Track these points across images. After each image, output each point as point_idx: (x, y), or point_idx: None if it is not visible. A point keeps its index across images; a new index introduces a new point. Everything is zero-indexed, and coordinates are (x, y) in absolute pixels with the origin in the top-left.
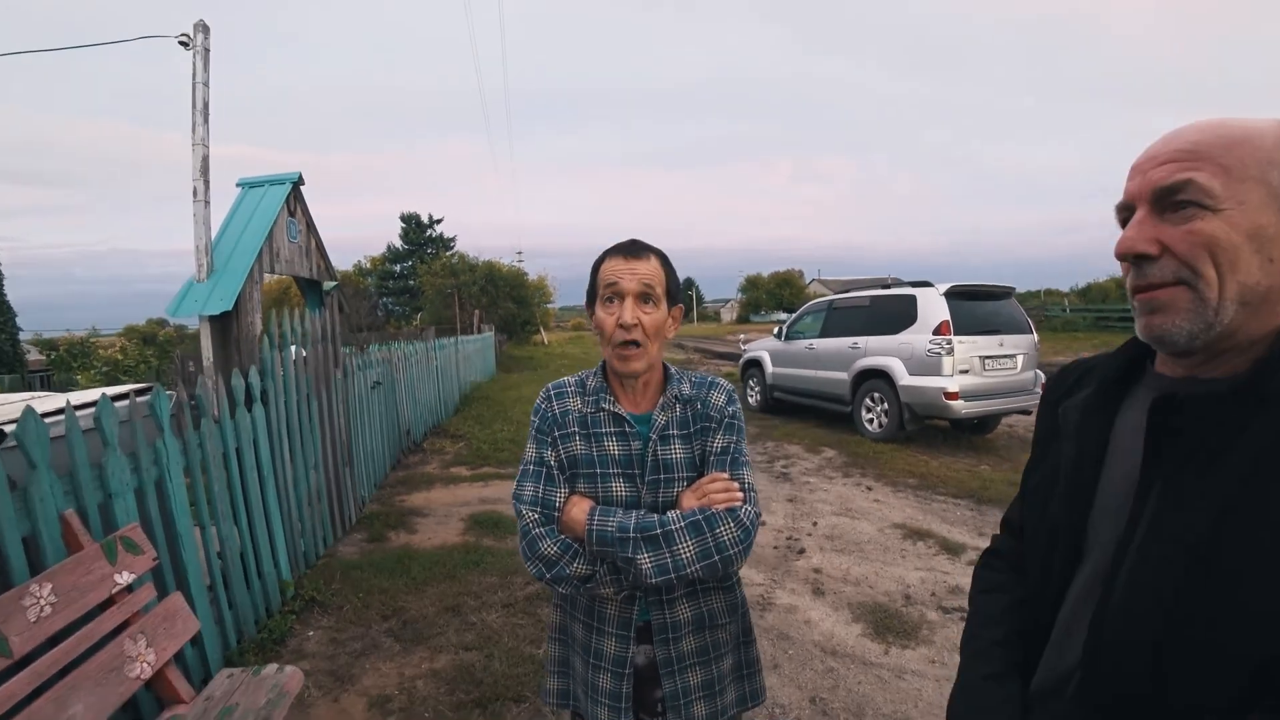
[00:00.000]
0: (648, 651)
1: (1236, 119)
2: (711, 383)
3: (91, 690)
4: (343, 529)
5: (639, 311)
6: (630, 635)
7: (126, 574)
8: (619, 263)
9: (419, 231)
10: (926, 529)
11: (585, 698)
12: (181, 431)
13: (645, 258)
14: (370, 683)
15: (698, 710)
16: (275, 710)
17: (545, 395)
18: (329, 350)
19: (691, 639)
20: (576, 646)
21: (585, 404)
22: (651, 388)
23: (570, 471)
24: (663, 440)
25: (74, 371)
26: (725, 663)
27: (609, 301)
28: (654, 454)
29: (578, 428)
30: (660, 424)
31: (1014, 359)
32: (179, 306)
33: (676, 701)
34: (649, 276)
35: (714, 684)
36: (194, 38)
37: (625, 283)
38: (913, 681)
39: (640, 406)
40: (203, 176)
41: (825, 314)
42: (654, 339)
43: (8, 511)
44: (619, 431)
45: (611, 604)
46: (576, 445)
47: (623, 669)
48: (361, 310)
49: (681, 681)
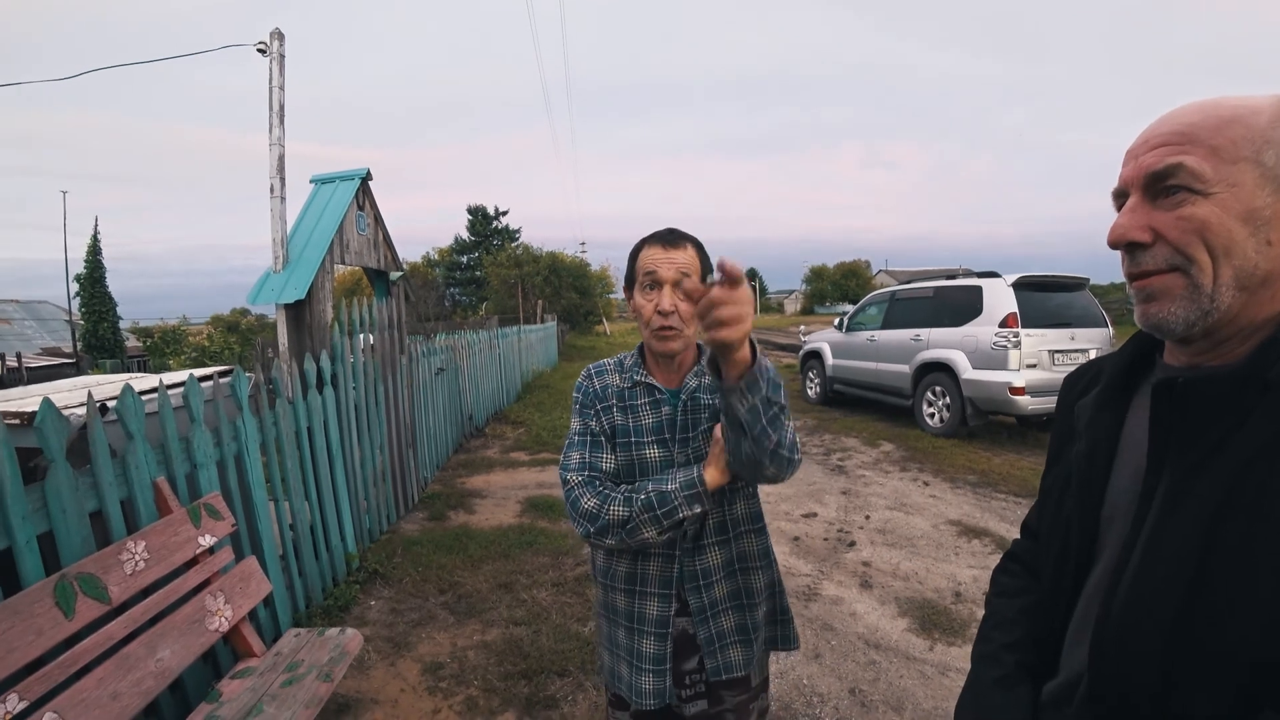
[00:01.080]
0: (680, 624)
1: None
2: None
3: (177, 639)
4: (405, 507)
5: (675, 298)
6: (671, 593)
7: (209, 537)
8: (657, 252)
9: (485, 223)
10: (983, 527)
11: (630, 671)
12: (258, 411)
13: (682, 247)
14: (425, 650)
15: (734, 655)
16: (336, 667)
17: (586, 374)
18: (395, 337)
19: (724, 584)
20: (619, 618)
21: (623, 380)
22: (686, 364)
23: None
24: (693, 401)
25: (166, 357)
26: (760, 610)
27: (648, 289)
28: (684, 412)
29: (616, 401)
30: (691, 387)
31: (1086, 354)
32: (257, 295)
33: (712, 646)
34: (685, 265)
35: (748, 630)
36: (270, 45)
37: (663, 271)
38: (956, 679)
39: (674, 382)
40: (279, 174)
41: (887, 305)
42: (689, 323)
43: (109, 476)
44: (651, 401)
45: (654, 562)
46: (616, 417)
47: (665, 629)
48: (429, 300)
49: (716, 626)
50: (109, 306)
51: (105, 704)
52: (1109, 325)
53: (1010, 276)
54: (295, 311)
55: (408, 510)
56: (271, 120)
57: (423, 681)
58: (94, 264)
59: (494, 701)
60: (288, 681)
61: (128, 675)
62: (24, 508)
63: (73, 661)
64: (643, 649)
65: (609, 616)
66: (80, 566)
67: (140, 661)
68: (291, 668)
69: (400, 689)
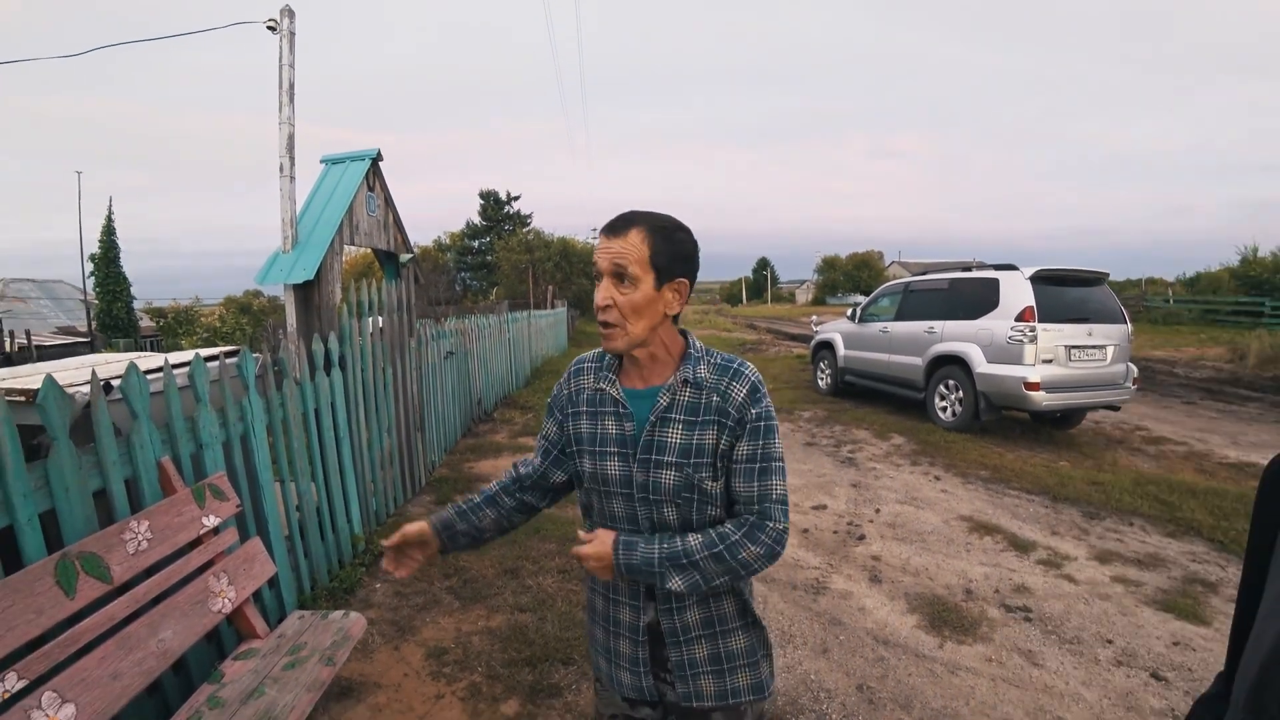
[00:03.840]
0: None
1: None
2: (735, 371)
3: (179, 619)
4: (413, 490)
5: (614, 291)
6: (639, 604)
7: (213, 517)
8: (600, 241)
9: (497, 208)
10: (995, 524)
11: (609, 664)
12: (265, 391)
13: (623, 234)
14: (429, 635)
15: (705, 685)
16: (339, 651)
17: (566, 374)
18: (404, 320)
19: (695, 609)
20: (597, 617)
21: (595, 381)
22: (660, 363)
23: (577, 447)
24: (661, 422)
25: (179, 337)
26: (736, 640)
27: (597, 280)
28: (650, 434)
29: (586, 406)
30: (662, 405)
31: (1103, 350)
32: (265, 275)
33: (684, 672)
34: (622, 254)
35: (722, 660)
36: (280, 22)
37: (600, 262)
38: (966, 678)
39: (648, 381)
40: (288, 153)
41: (901, 296)
42: (634, 318)
43: (113, 455)
44: (614, 412)
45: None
46: (584, 424)
47: (637, 635)
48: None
49: (689, 652)
50: (123, 286)
51: (106, 683)
52: (1128, 321)
53: (1028, 269)
54: (304, 292)
55: (415, 493)
56: (281, 99)
57: (426, 666)
58: (108, 244)
59: (498, 688)
60: (290, 664)
61: (129, 655)
62: (25, 485)
63: (73, 641)
64: (619, 648)
65: (590, 613)
66: (82, 545)
67: (142, 641)
68: (294, 650)
69: (404, 673)
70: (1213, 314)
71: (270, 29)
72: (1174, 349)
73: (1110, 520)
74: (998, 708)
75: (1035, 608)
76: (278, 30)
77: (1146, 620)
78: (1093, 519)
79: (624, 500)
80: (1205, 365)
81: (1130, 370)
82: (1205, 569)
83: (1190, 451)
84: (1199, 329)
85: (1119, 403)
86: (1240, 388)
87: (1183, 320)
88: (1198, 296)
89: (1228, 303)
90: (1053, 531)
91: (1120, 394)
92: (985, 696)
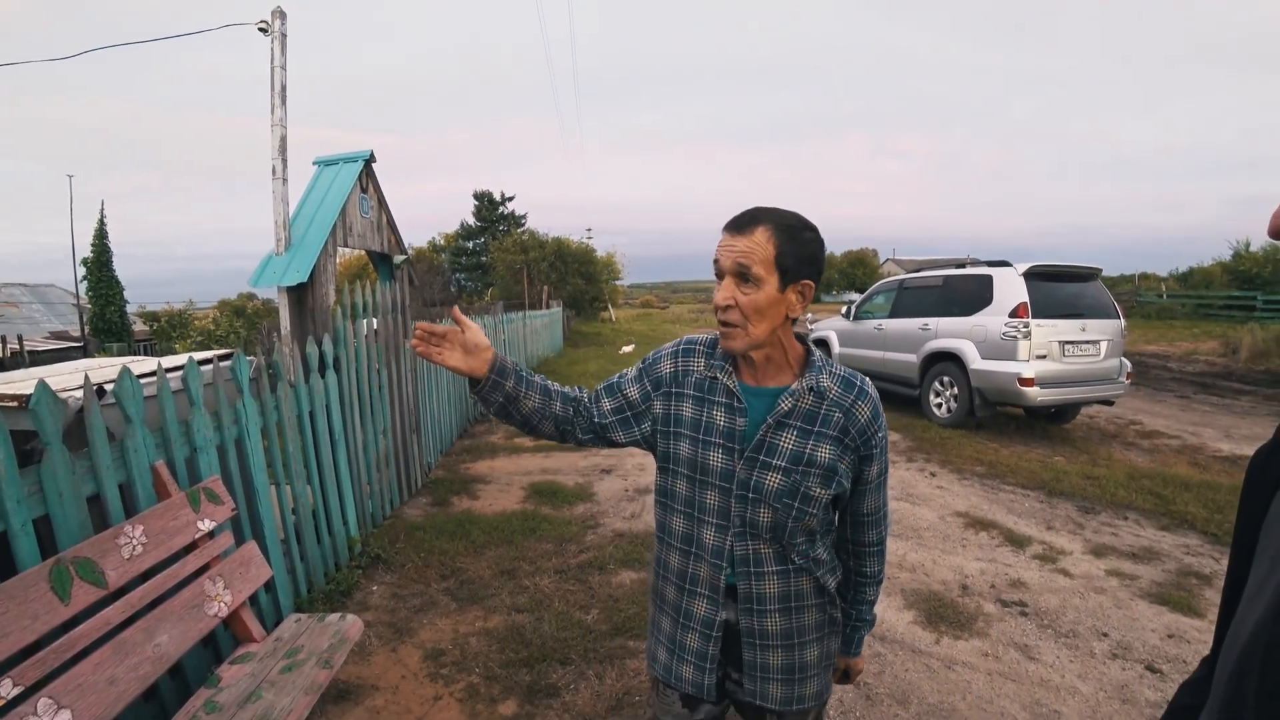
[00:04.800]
0: (735, 609)
1: None
2: (860, 390)
3: (175, 624)
4: (409, 492)
5: (736, 291)
6: (719, 598)
7: (208, 521)
8: (724, 238)
9: (491, 209)
10: (991, 519)
11: (671, 656)
12: (260, 394)
13: (749, 232)
14: (426, 636)
15: (774, 691)
16: (336, 654)
17: (674, 349)
18: (399, 321)
19: (778, 618)
20: (667, 608)
21: (707, 368)
22: (776, 365)
23: (675, 429)
24: (779, 425)
25: (173, 341)
26: (810, 652)
27: (717, 279)
28: (765, 434)
29: (693, 390)
30: (783, 409)
31: (1097, 345)
32: (259, 278)
33: (754, 673)
34: (747, 254)
35: (794, 670)
36: (271, 24)
37: (723, 261)
38: (962, 673)
39: (761, 381)
40: (281, 155)
41: (895, 294)
42: (755, 319)
43: (106, 460)
44: (727, 404)
45: (704, 565)
46: (688, 407)
47: (711, 630)
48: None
49: (762, 657)
50: (116, 290)
51: (102, 689)
52: (1121, 317)
53: (1021, 266)
54: (297, 294)
55: (411, 495)
56: (273, 100)
57: (424, 668)
58: (101, 248)
59: (495, 689)
60: (287, 668)
61: (125, 660)
62: (19, 491)
63: (68, 646)
64: (687, 642)
65: (656, 602)
66: (77, 551)
67: (138, 647)
68: (291, 654)
69: (401, 675)
70: (1205, 308)
71: (262, 31)
72: (1167, 343)
73: (1105, 514)
74: (994, 702)
75: (1031, 602)
76: (269, 32)
77: (1141, 613)
78: (1088, 513)
79: (720, 494)
80: (1198, 359)
81: (1124, 365)
82: (1199, 561)
83: (1184, 445)
84: (1192, 323)
85: (1113, 398)
86: (1233, 381)
87: (1176, 315)
88: (1190, 291)
89: (1220, 297)
90: (1048, 526)
91: (1114, 389)
92: (982, 691)
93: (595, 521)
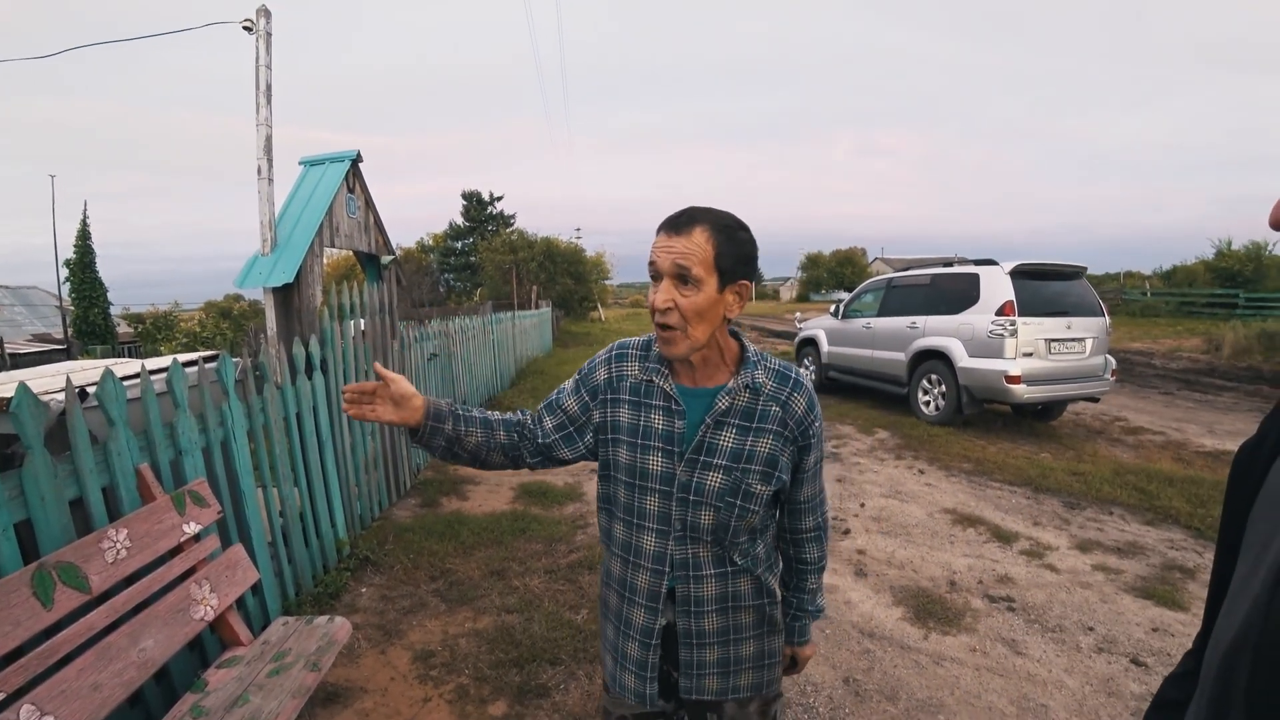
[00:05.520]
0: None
1: None
2: (795, 382)
3: (160, 628)
4: (398, 493)
5: (674, 294)
6: (658, 607)
7: (193, 524)
8: (660, 239)
9: (480, 209)
10: (978, 516)
11: (614, 664)
12: (246, 396)
13: (687, 232)
14: (416, 638)
15: (709, 684)
16: (324, 656)
17: (607, 356)
18: (386, 322)
19: (715, 618)
20: (610, 615)
21: (642, 371)
22: (713, 365)
23: (614, 435)
24: (717, 425)
25: (158, 343)
26: (746, 647)
27: (654, 280)
28: (704, 435)
29: (629, 395)
30: (721, 408)
31: (1083, 343)
32: (244, 279)
33: (690, 670)
34: (685, 255)
35: (729, 663)
36: (256, 22)
37: (660, 262)
38: (951, 668)
39: (699, 382)
40: (266, 155)
41: (884, 292)
42: (695, 322)
43: (89, 463)
44: (665, 407)
45: (642, 574)
46: (625, 412)
47: (650, 639)
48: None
49: (699, 654)
50: (100, 292)
51: (86, 695)
52: (1105, 314)
53: (1007, 264)
54: (284, 295)
55: (400, 496)
56: (259, 100)
57: (413, 670)
58: (84, 249)
59: (485, 690)
60: (274, 671)
61: (109, 666)
62: (0, 495)
63: (51, 652)
64: (628, 650)
65: (602, 609)
66: (59, 555)
67: (122, 652)
68: (279, 657)
69: (390, 677)
70: (1189, 306)
71: (247, 29)
72: (1151, 341)
73: (1091, 510)
74: (982, 697)
75: (1018, 597)
76: (254, 30)
77: (1126, 607)
78: (1074, 509)
79: (660, 498)
80: (1182, 356)
81: (1109, 362)
82: (1183, 556)
83: (1168, 441)
84: (1176, 321)
85: (1098, 394)
86: (1216, 378)
87: (1160, 312)
88: (1174, 289)
89: (1203, 295)
90: (1035, 522)
91: (1099, 386)
92: (970, 686)
93: (585, 521)
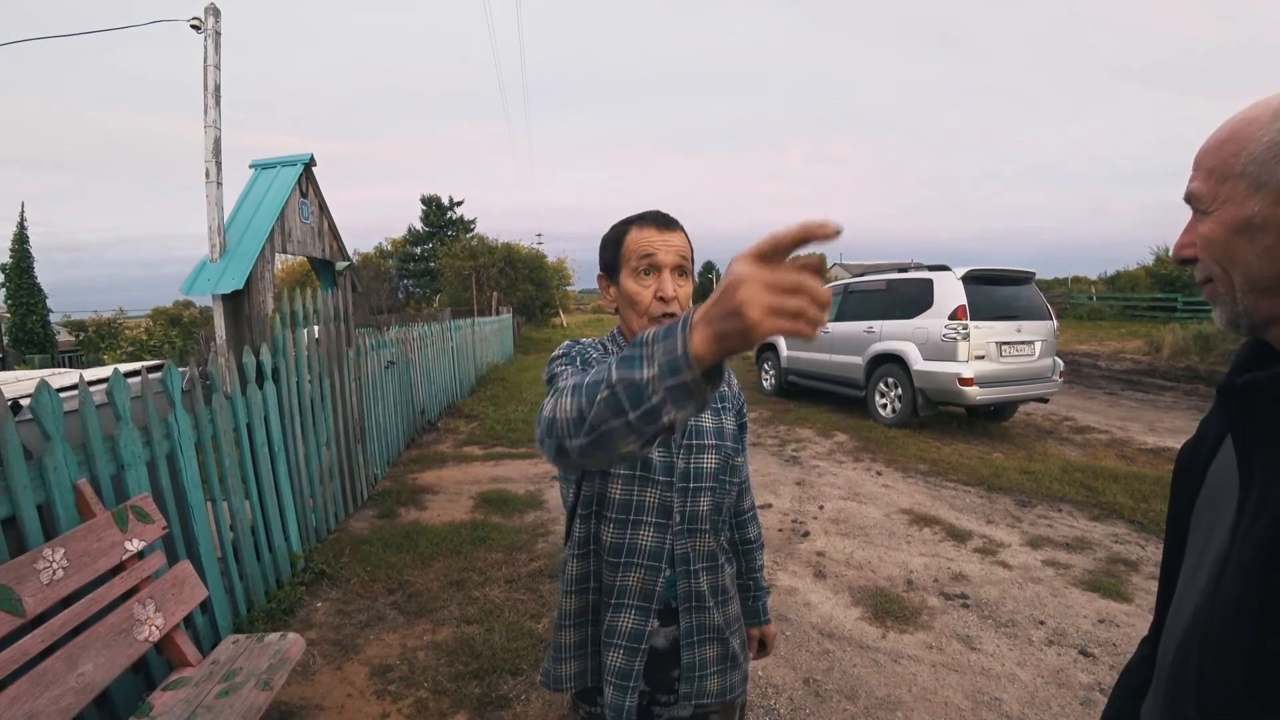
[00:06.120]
0: (669, 634)
1: (1239, 112)
2: None
3: (101, 651)
4: (354, 505)
5: (676, 284)
6: (650, 606)
7: (137, 541)
8: (653, 234)
9: (439, 214)
10: (934, 515)
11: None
12: (193, 407)
13: (676, 230)
14: (373, 653)
15: (711, 685)
16: (276, 675)
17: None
18: (341, 330)
19: (715, 612)
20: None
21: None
22: None
23: None
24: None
25: (102, 352)
26: (736, 640)
27: (644, 274)
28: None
29: None
30: None
31: (1032, 345)
32: (192, 285)
33: (692, 674)
34: (683, 250)
35: (726, 659)
36: (205, 21)
37: (662, 255)
38: (908, 666)
39: None
40: (215, 158)
41: (841, 298)
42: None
43: (23, 479)
44: None
45: (635, 573)
46: None
47: (639, 643)
48: (382, 292)
49: (700, 653)
50: (38, 298)
51: None
52: (1053, 318)
53: (960, 270)
54: (233, 303)
55: (357, 508)
56: (207, 101)
57: (371, 685)
58: (20, 253)
59: (444, 703)
60: (224, 691)
61: (45, 693)
62: None
63: None
64: (610, 662)
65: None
66: None
67: (59, 677)
68: (228, 676)
69: (347, 694)
70: (1131, 309)
71: (194, 28)
72: (1097, 343)
73: (1041, 507)
74: (938, 692)
75: (972, 594)
76: (202, 29)
77: (1075, 601)
78: (1025, 506)
79: (660, 489)
80: (1125, 358)
81: (1057, 364)
82: (1127, 549)
83: (1112, 439)
84: (1119, 324)
85: (1047, 395)
86: (1156, 378)
87: (1105, 316)
88: (1117, 294)
89: (1144, 299)
90: (988, 520)
91: (1048, 387)
92: (927, 683)
93: (546, 529)
